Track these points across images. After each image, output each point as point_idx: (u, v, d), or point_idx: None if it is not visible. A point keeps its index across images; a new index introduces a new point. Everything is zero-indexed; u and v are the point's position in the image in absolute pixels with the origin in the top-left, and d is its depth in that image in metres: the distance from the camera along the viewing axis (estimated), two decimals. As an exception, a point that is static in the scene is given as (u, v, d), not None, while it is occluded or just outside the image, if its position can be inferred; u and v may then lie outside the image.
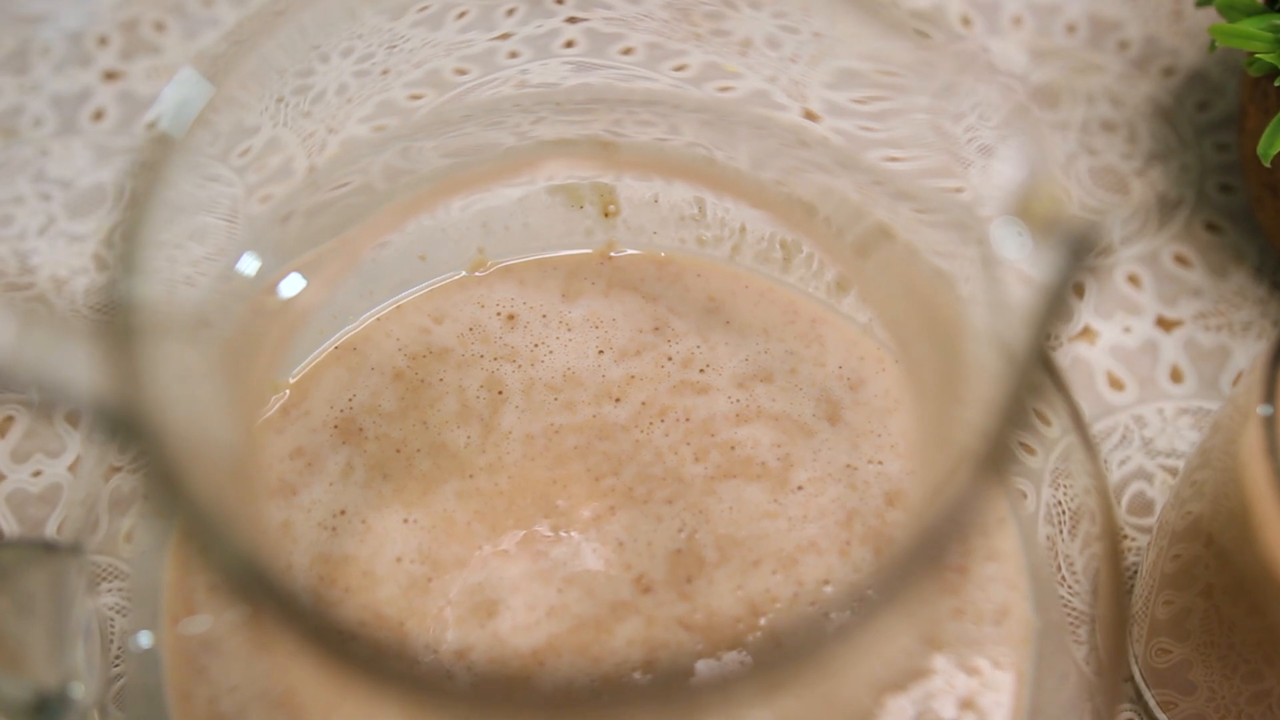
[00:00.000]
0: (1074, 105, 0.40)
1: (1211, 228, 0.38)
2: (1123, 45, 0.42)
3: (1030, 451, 0.27)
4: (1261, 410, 0.22)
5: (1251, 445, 0.23)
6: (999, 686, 0.24)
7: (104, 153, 0.38)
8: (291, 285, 0.23)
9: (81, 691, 0.20)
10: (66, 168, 0.38)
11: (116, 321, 0.14)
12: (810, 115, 0.26)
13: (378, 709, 0.21)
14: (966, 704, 0.24)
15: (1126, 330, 0.36)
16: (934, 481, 0.15)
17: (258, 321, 0.22)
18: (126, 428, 0.14)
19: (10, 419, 0.33)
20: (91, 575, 0.22)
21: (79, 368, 0.15)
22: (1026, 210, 0.16)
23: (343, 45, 0.25)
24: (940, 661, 0.24)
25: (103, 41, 0.41)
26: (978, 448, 0.13)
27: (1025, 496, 0.27)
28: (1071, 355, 0.35)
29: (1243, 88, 0.35)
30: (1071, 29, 0.42)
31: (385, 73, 0.26)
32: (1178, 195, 0.38)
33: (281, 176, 0.25)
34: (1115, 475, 0.33)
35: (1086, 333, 0.35)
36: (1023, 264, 0.16)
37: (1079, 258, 0.15)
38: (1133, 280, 0.37)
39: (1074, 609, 0.25)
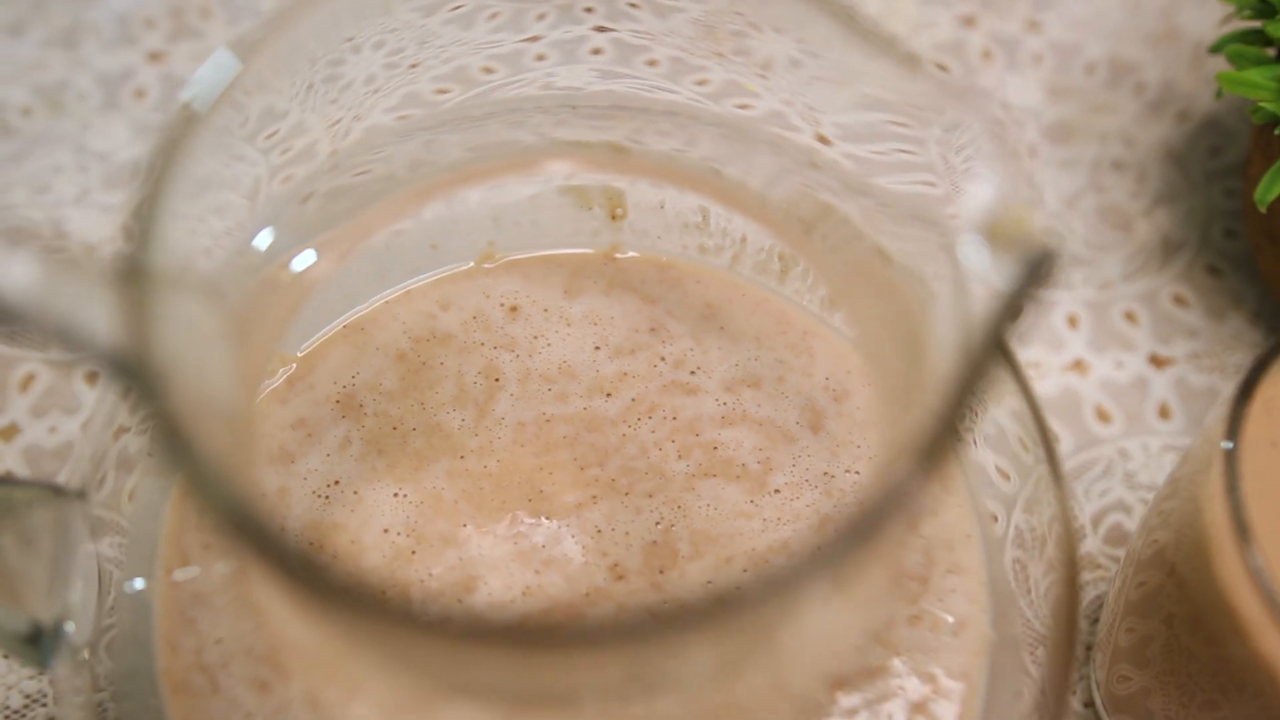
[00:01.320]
0: (1086, 143, 0.41)
1: (1213, 271, 0.38)
2: (1140, 88, 0.43)
3: (1005, 476, 0.28)
4: (1224, 445, 0.23)
5: (1214, 479, 0.23)
6: (951, 695, 0.25)
7: (142, 129, 0.40)
8: (303, 261, 0.24)
9: (74, 630, 0.22)
10: (106, 142, 0.39)
11: (134, 278, 0.15)
12: (823, 139, 0.27)
13: (357, 659, 0.22)
14: (918, 708, 0.24)
15: (1119, 365, 0.36)
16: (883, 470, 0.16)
17: (267, 294, 0.23)
18: (138, 379, 0.15)
19: (32, 376, 0.35)
20: (95, 524, 0.23)
21: (98, 318, 0.16)
22: (997, 230, 0.17)
23: (375, 38, 0.26)
24: (895, 664, 0.25)
25: (149, 24, 0.43)
26: (919, 435, 0.14)
27: (996, 520, 0.27)
28: (1062, 386, 0.36)
29: (1252, 136, 0.36)
30: (1091, 69, 0.43)
31: (414, 66, 0.27)
32: (1182, 237, 0.39)
33: (305, 159, 0.27)
34: (1095, 505, 0.34)
35: (1079, 365, 0.36)
36: (987, 276, 0.17)
37: (1035, 275, 0.16)
38: (1130, 317, 0.37)
39: (1034, 629, 0.26)
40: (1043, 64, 0.43)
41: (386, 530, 0.26)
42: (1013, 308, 0.15)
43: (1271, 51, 0.32)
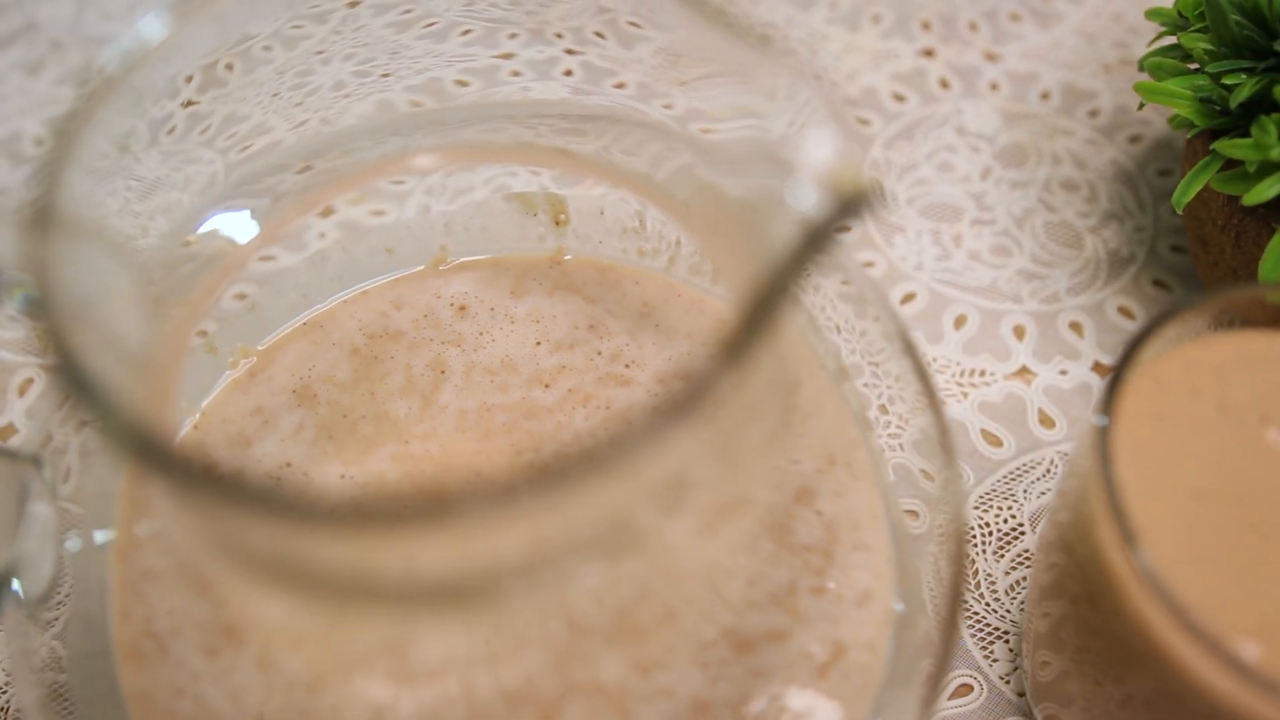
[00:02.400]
0: (1039, 165, 0.42)
1: (1159, 284, 0.40)
2: (1093, 113, 0.44)
3: (929, 478, 0.28)
4: (1098, 420, 0.24)
5: (1092, 454, 0.25)
6: (855, 662, 0.26)
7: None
8: (239, 234, 0.27)
9: (24, 586, 0.24)
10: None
11: (42, 224, 0.18)
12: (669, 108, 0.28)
13: (300, 616, 0.24)
14: (823, 672, 0.26)
15: (1063, 373, 0.37)
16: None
17: (194, 265, 0.25)
18: (39, 308, 0.17)
19: (31, 380, 0.37)
20: (49, 488, 0.25)
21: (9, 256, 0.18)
22: (829, 182, 0.19)
23: (345, 50, 0.28)
24: (800, 630, 0.26)
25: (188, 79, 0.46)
26: (723, 334, 0.16)
27: (917, 516, 0.28)
28: (1006, 392, 0.37)
29: (1184, 149, 0.37)
30: (1045, 96, 0.45)
31: (386, 75, 0.30)
32: (1129, 253, 0.40)
33: (264, 154, 0.29)
34: (1034, 504, 0.35)
35: (1024, 373, 0.37)
36: (809, 214, 0.19)
37: (846, 211, 0.17)
38: (1075, 327, 0.38)
39: (931, 603, 0.27)
40: (999, 92, 0.45)
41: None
42: (820, 235, 0.17)
43: (1193, 65, 0.34)
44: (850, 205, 0.18)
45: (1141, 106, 0.35)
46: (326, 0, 0.27)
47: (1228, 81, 0.31)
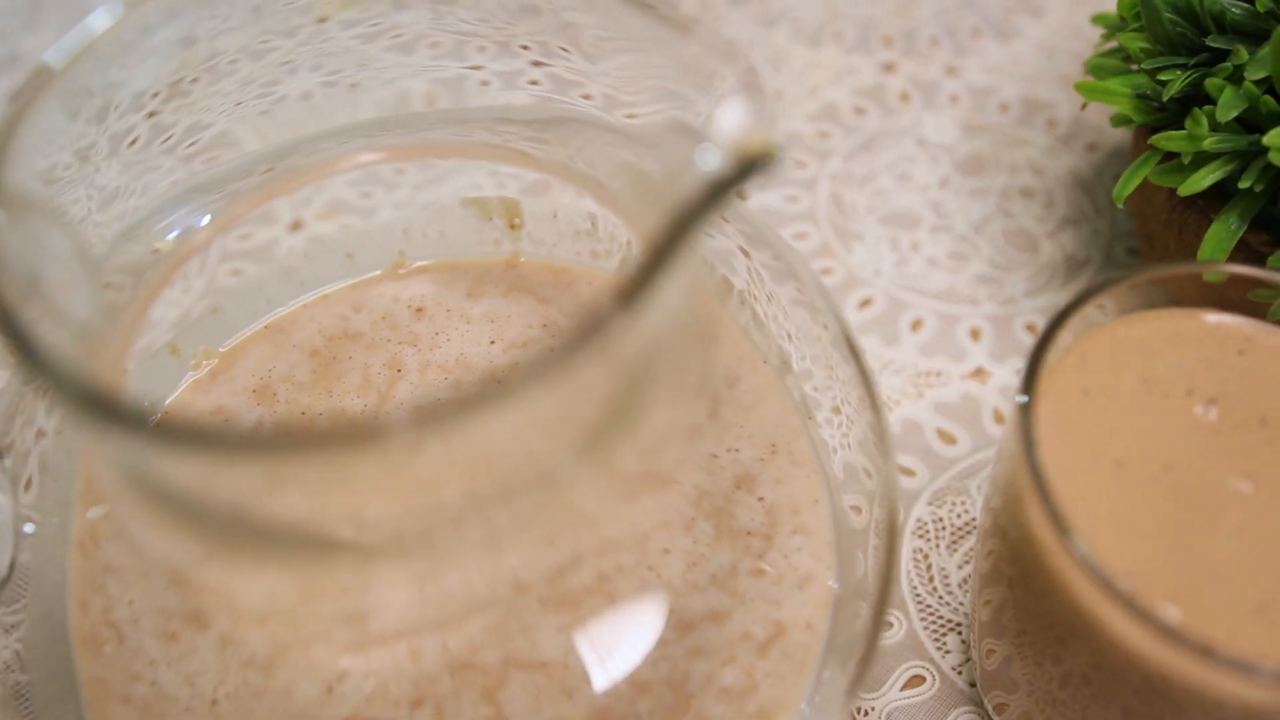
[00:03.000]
0: (997, 174, 0.43)
1: (1115, 287, 0.40)
2: (1051, 123, 0.45)
3: (870, 475, 0.29)
4: (1019, 399, 0.25)
5: (1015, 431, 0.25)
6: (794, 641, 0.26)
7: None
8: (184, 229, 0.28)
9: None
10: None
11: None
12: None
13: (266, 587, 0.25)
14: (763, 650, 0.26)
15: (1018, 372, 0.38)
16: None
17: (145, 259, 0.26)
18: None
19: None
20: (10, 481, 0.26)
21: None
22: (740, 149, 0.20)
23: (312, 60, 0.29)
24: (740, 611, 0.26)
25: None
26: (620, 281, 0.17)
27: (860, 511, 0.29)
28: (962, 392, 0.38)
29: (1131, 149, 0.38)
30: (1005, 108, 0.46)
31: (354, 86, 0.31)
32: (1085, 256, 0.41)
33: (228, 160, 0.30)
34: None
35: (979, 373, 0.38)
36: (715, 175, 0.20)
37: (747, 171, 0.18)
38: (1031, 329, 0.39)
39: (867, 585, 0.27)
40: (959, 104, 0.46)
41: (284, 500, 0.28)
42: (720, 189, 0.18)
43: (1135, 65, 0.35)
44: (753, 165, 0.19)
45: (1084, 106, 0.35)
46: (295, 16, 0.29)
47: (1163, 78, 0.32)
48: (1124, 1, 0.34)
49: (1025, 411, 0.25)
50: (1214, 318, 0.27)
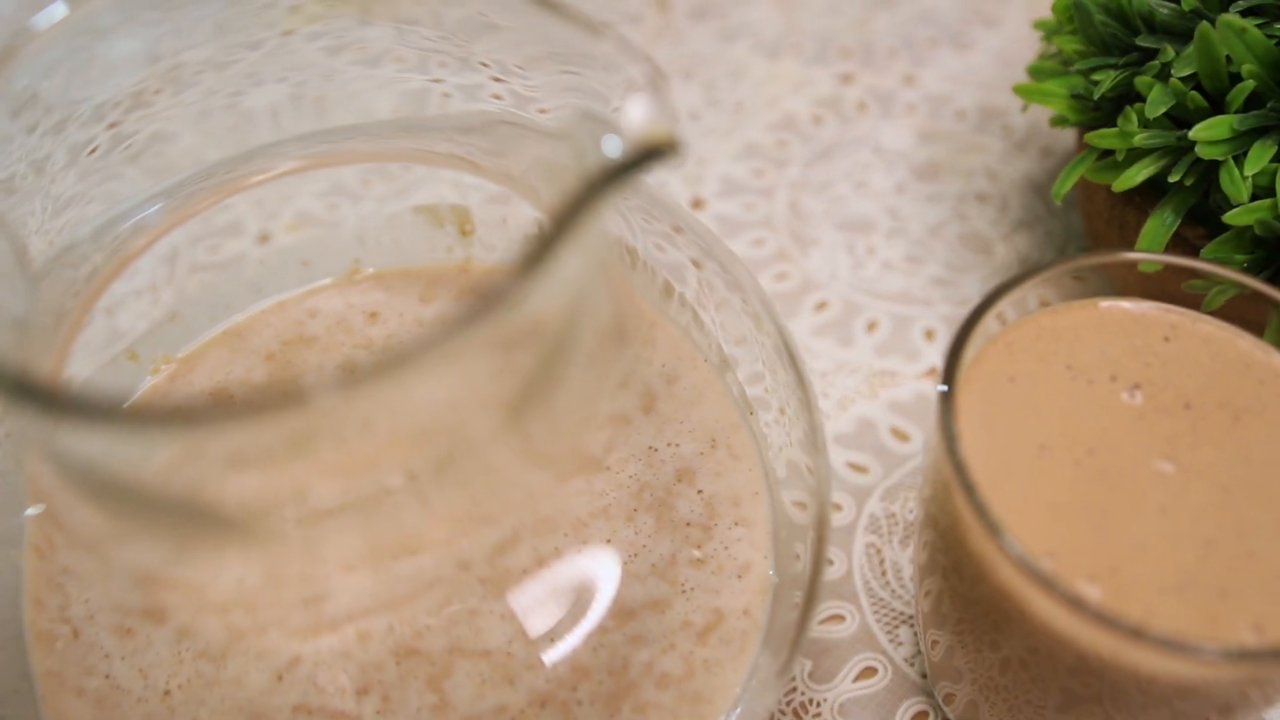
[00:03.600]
0: (953, 179, 0.44)
1: (1068, 287, 0.41)
2: (1007, 130, 0.46)
3: (811, 473, 0.29)
4: (940, 388, 0.25)
5: (937, 419, 0.26)
6: (733, 627, 0.27)
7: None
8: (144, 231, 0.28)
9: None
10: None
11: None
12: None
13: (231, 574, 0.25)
14: (702, 637, 0.27)
15: (972, 372, 0.39)
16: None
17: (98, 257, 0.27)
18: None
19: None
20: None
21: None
22: (643, 140, 0.21)
23: (278, 74, 0.30)
24: (679, 599, 0.27)
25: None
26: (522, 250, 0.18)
27: (804, 507, 0.29)
28: (916, 391, 0.38)
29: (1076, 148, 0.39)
30: (961, 115, 0.47)
31: (320, 98, 0.32)
32: (1039, 257, 0.42)
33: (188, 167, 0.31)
34: (942, 496, 0.36)
35: (933, 372, 0.39)
36: (616, 159, 0.21)
37: (645, 159, 0.19)
38: (984, 329, 0.40)
39: (803, 575, 0.28)
40: (916, 112, 0.47)
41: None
42: (619, 171, 0.19)
43: (1071, 68, 0.36)
44: (655, 153, 0.20)
45: (1025, 108, 0.36)
46: (260, 30, 0.29)
47: (1096, 78, 0.33)
48: (1058, 4, 0.35)
49: (946, 400, 0.25)
50: (1140, 306, 0.28)
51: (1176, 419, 0.26)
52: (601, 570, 0.27)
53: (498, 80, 0.33)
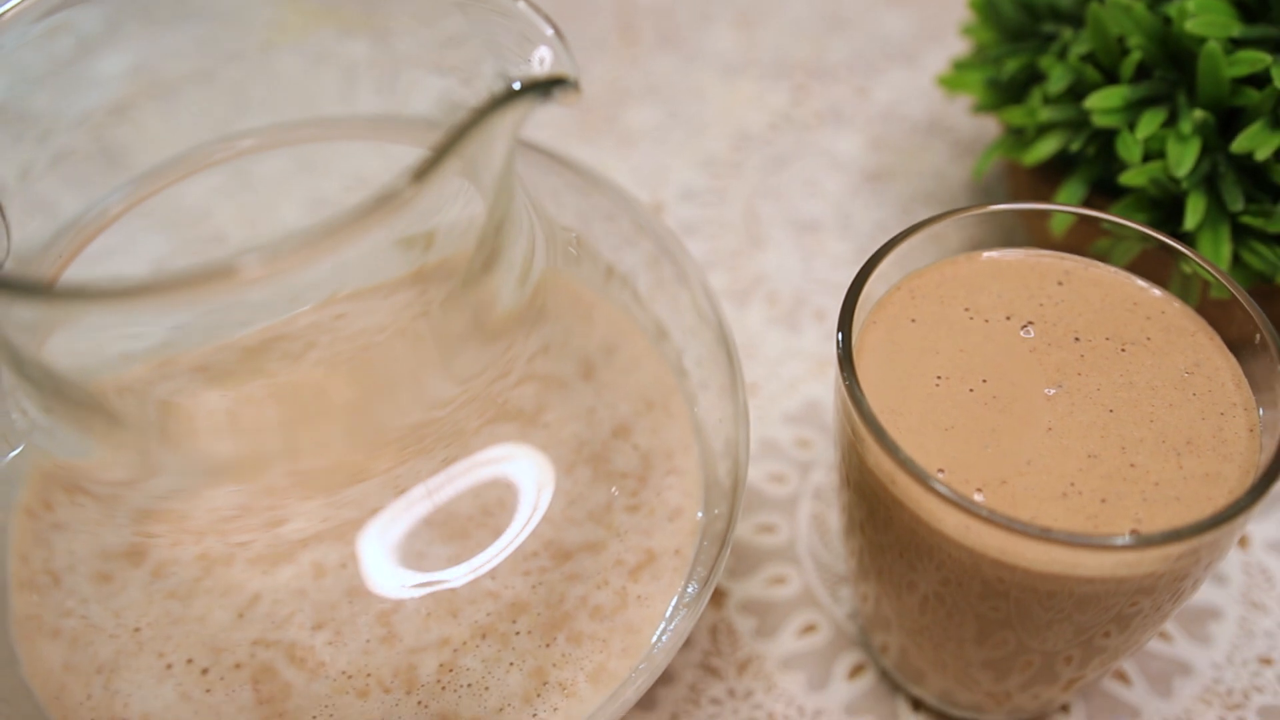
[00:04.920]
0: (903, 182, 0.46)
1: (1010, 276, 0.43)
2: (953, 133, 0.48)
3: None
4: (837, 336, 0.27)
5: (837, 363, 0.27)
6: (664, 564, 0.29)
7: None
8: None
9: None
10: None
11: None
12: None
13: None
14: (634, 574, 0.29)
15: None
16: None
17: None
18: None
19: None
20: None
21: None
22: (545, 77, 0.23)
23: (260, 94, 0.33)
24: (614, 541, 0.29)
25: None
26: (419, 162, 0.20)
27: (728, 455, 0.31)
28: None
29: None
30: (910, 125, 0.49)
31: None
32: (982, 250, 0.44)
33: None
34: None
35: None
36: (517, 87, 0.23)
37: (535, 89, 0.22)
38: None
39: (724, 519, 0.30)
40: (868, 122, 0.49)
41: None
42: (514, 95, 0.21)
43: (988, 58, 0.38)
44: (550, 83, 0.22)
45: (949, 95, 0.39)
46: (238, 42, 0.32)
47: (1006, 64, 0.35)
48: (974, 2, 0.37)
49: (841, 345, 0.27)
50: (1037, 255, 0.30)
51: (1066, 350, 0.28)
52: (540, 516, 0.29)
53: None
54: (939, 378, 0.27)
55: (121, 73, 0.32)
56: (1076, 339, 0.28)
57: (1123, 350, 0.28)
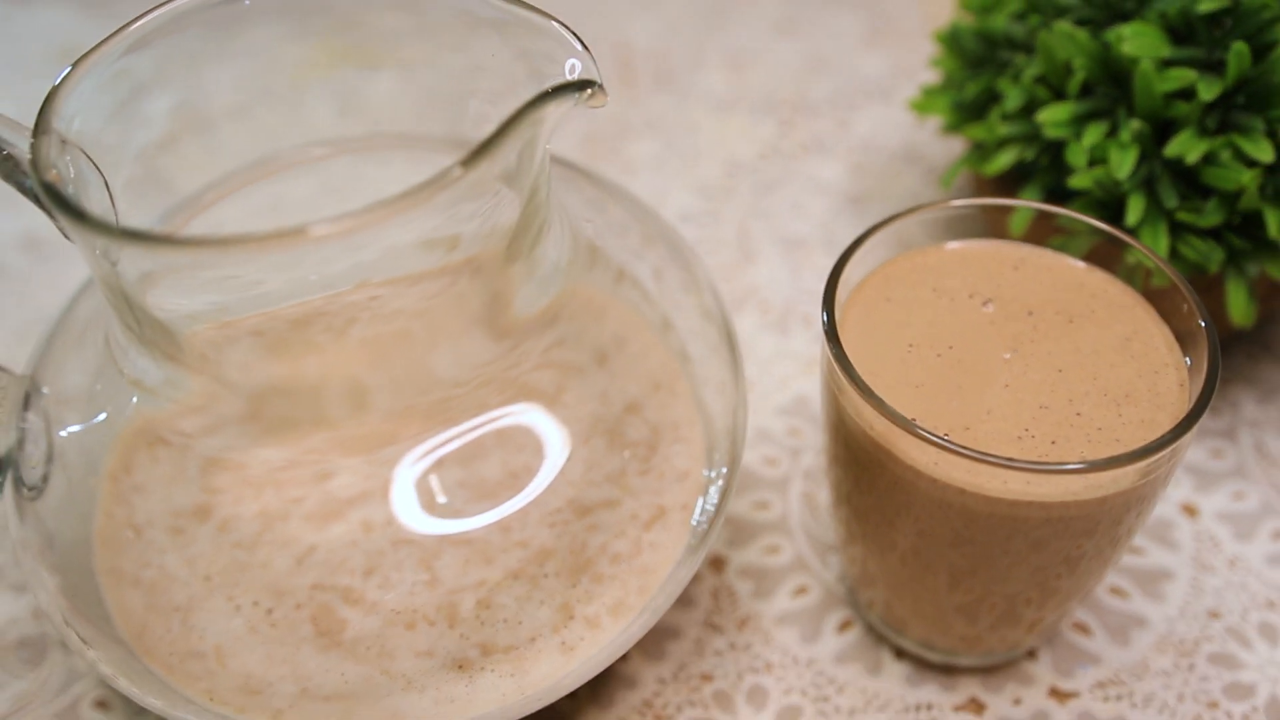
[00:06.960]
0: (883, 204, 0.51)
1: (980, 285, 0.47)
2: (929, 161, 0.53)
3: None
4: (823, 316, 0.31)
5: (823, 341, 0.31)
6: (673, 517, 0.33)
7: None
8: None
9: (19, 471, 0.31)
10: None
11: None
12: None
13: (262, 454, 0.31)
14: (648, 525, 0.32)
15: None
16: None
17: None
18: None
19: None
20: (44, 408, 0.32)
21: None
22: (580, 79, 0.28)
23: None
24: (628, 500, 0.33)
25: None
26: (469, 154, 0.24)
27: (728, 419, 0.35)
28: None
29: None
30: (889, 153, 0.54)
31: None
32: (954, 262, 0.48)
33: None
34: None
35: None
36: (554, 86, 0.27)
37: (567, 90, 0.26)
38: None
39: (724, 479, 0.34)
40: (849, 151, 0.54)
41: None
42: (548, 95, 0.26)
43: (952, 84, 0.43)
44: (580, 85, 0.26)
45: (921, 120, 0.43)
46: (270, 77, 0.36)
47: (968, 87, 0.40)
48: (939, 35, 0.42)
49: (826, 325, 0.31)
50: (996, 245, 0.34)
51: (1021, 322, 0.32)
52: (562, 478, 0.32)
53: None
54: (910, 345, 0.31)
55: (167, 109, 0.35)
56: (1030, 313, 0.32)
57: (1070, 322, 0.32)
